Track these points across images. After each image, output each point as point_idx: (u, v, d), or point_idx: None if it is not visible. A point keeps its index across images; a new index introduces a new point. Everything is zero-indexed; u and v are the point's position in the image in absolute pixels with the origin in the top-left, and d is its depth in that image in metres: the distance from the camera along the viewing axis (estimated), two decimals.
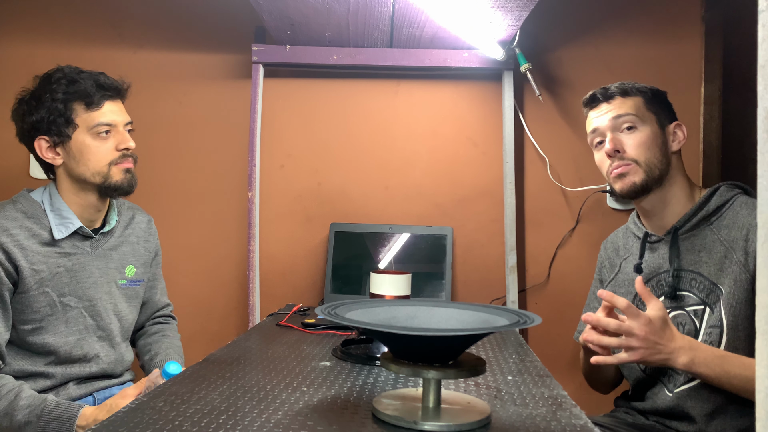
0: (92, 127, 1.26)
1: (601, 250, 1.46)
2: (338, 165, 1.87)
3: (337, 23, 1.63)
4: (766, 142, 0.39)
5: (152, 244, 1.48)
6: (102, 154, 1.27)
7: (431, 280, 1.73)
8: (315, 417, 0.73)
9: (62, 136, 1.25)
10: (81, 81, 1.26)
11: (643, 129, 1.23)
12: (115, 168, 1.29)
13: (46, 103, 1.25)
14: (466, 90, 1.87)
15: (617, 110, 1.25)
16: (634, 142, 1.23)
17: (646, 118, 1.24)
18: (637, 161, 1.22)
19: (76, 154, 1.26)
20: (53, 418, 1.14)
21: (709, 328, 1.16)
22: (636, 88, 1.27)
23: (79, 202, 1.30)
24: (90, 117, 1.26)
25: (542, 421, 0.74)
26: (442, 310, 0.79)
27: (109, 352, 1.34)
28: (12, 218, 1.23)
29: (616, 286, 1.36)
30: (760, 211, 0.39)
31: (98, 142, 1.27)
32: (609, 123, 1.25)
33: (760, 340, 0.39)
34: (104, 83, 1.29)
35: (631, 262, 1.33)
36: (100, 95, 1.27)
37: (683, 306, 1.21)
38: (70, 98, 1.25)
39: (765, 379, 0.39)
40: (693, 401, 1.16)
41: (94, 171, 1.27)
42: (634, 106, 1.25)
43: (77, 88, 1.26)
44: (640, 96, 1.26)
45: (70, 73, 1.27)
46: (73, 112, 1.25)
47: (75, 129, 1.26)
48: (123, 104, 1.34)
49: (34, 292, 1.23)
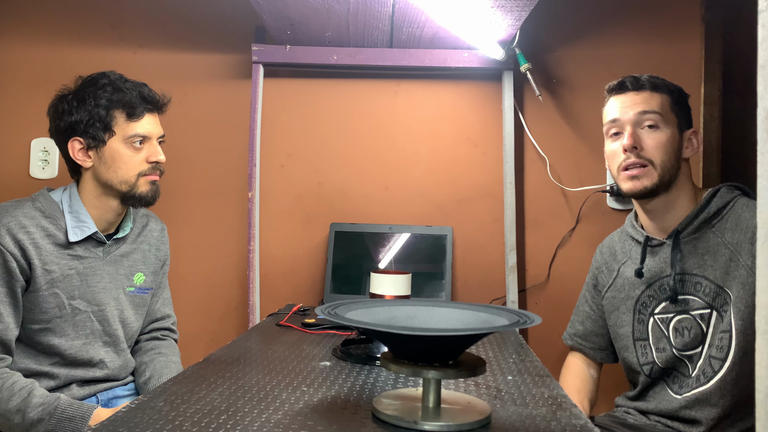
0: (129, 136, 1.28)
1: (597, 254, 1.44)
2: (338, 165, 1.88)
3: (337, 23, 1.63)
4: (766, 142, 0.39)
5: (163, 252, 1.48)
6: (133, 164, 1.29)
7: (431, 280, 1.73)
8: (315, 417, 0.73)
9: (98, 140, 1.27)
10: (126, 91, 1.28)
11: (665, 130, 1.21)
12: (143, 179, 1.30)
13: (88, 106, 1.26)
14: (466, 90, 1.87)
15: (644, 105, 1.22)
16: (654, 142, 1.20)
17: (668, 120, 1.22)
18: (652, 162, 1.20)
19: (108, 159, 1.27)
20: (66, 417, 1.14)
21: (720, 333, 1.15)
22: (666, 85, 1.24)
23: (98, 206, 1.30)
24: (129, 127, 1.28)
25: (542, 421, 0.74)
26: (442, 310, 0.79)
27: (113, 358, 1.34)
28: (30, 216, 1.24)
29: (615, 291, 1.35)
30: (760, 211, 0.39)
31: (131, 152, 1.28)
32: (633, 117, 1.22)
33: (761, 340, 0.39)
34: (148, 96, 1.31)
35: (629, 267, 1.31)
36: (143, 107, 1.29)
37: (688, 310, 1.20)
38: (113, 105, 1.27)
39: (765, 379, 0.39)
40: (702, 405, 1.15)
41: (122, 179, 1.28)
42: (661, 104, 1.22)
43: (122, 98, 1.27)
44: (668, 95, 1.24)
45: (116, 81, 1.29)
46: (114, 120, 1.27)
47: (112, 136, 1.27)
48: (159, 117, 1.36)
49: (44, 293, 1.23)
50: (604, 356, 1.41)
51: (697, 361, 1.18)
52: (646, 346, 1.27)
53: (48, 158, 1.86)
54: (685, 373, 1.20)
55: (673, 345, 1.21)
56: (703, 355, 1.17)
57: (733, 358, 1.13)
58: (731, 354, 1.13)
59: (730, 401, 1.13)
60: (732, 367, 1.13)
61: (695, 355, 1.19)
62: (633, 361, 1.29)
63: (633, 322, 1.29)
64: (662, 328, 1.24)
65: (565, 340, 1.48)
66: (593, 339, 1.42)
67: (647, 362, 1.26)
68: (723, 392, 1.13)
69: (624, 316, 1.31)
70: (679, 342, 1.21)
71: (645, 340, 1.27)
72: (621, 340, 1.32)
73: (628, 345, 1.30)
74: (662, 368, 1.24)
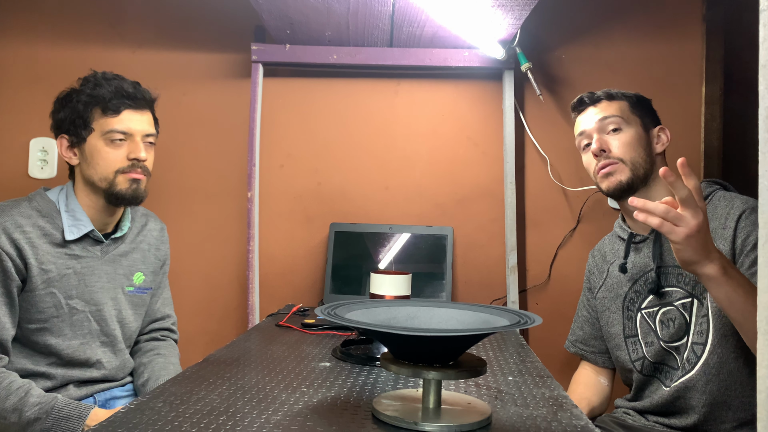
0: (105, 132, 1.27)
1: (589, 259, 1.48)
2: (338, 165, 1.87)
3: (337, 22, 1.63)
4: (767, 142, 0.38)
5: (163, 252, 1.48)
6: (111, 161, 1.28)
7: (431, 280, 1.73)
8: (315, 417, 0.72)
9: (79, 137, 1.28)
10: (104, 86, 1.28)
11: (628, 130, 1.28)
12: (121, 176, 1.29)
13: (71, 103, 1.28)
14: (467, 89, 1.87)
15: (603, 112, 1.30)
16: (620, 142, 1.27)
17: (630, 121, 1.29)
18: (622, 160, 1.26)
19: (88, 156, 1.28)
20: (62, 417, 1.14)
21: (700, 318, 1.18)
22: (621, 93, 1.32)
23: (91, 205, 1.30)
24: (105, 122, 1.27)
25: (543, 422, 0.73)
26: (442, 311, 0.79)
27: (111, 358, 1.34)
28: (26, 215, 1.23)
29: (605, 291, 1.37)
30: (761, 211, 0.39)
31: (110, 149, 1.28)
32: (596, 125, 1.30)
33: (761, 340, 0.39)
34: (126, 91, 1.29)
35: (617, 265, 1.33)
36: (118, 102, 1.28)
37: (671, 302, 1.23)
38: (91, 102, 1.27)
39: (765, 379, 0.38)
40: (690, 393, 1.17)
41: (101, 176, 1.28)
42: (620, 108, 1.30)
43: (98, 93, 1.27)
44: (625, 100, 1.31)
45: (99, 78, 1.29)
46: (91, 116, 1.27)
47: (90, 132, 1.27)
48: (151, 115, 1.35)
49: (41, 292, 1.22)
50: (606, 360, 1.41)
51: (684, 351, 1.20)
52: (636, 342, 1.28)
53: (47, 158, 1.86)
54: (673, 365, 1.22)
55: (660, 338, 1.24)
56: (688, 344, 1.19)
57: (712, 340, 1.15)
58: (710, 337, 1.15)
59: (717, 386, 1.14)
60: (713, 350, 1.15)
61: (681, 345, 1.21)
62: (625, 359, 1.30)
63: (623, 320, 1.31)
64: (649, 322, 1.26)
65: (567, 348, 1.49)
66: (594, 343, 1.42)
67: (638, 358, 1.28)
68: (708, 377, 1.15)
69: (614, 315, 1.33)
70: (666, 334, 1.22)
71: (635, 336, 1.29)
72: (613, 339, 1.33)
73: (620, 343, 1.31)
74: (652, 363, 1.25)
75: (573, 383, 1.46)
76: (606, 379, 1.43)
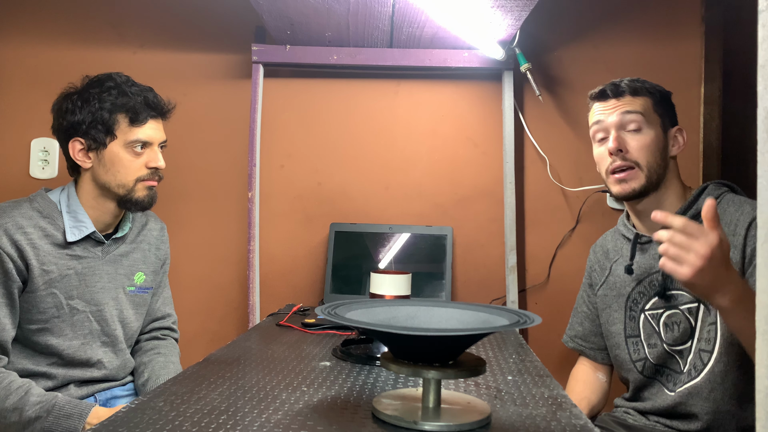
0: (130, 141, 1.28)
1: (590, 254, 1.46)
2: (338, 165, 1.88)
3: (337, 23, 1.63)
4: (766, 142, 0.38)
5: (163, 251, 1.48)
6: (132, 169, 1.28)
7: (431, 280, 1.73)
8: (315, 417, 0.73)
9: (98, 143, 1.27)
10: (131, 96, 1.28)
11: (648, 132, 1.23)
12: (140, 184, 1.30)
13: (92, 107, 1.26)
14: (466, 90, 1.87)
15: (626, 106, 1.24)
16: (638, 144, 1.23)
17: (651, 120, 1.24)
18: (638, 164, 1.22)
19: (107, 162, 1.27)
20: (63, 415, 1.14)
21: (708, 326, 1.17)
22: (646, 88, 1.26)
23: (95, 207, 1.30)
24: (131, 132, 1.28)
25: (542, 421, 0.74)
26: (442, 310, 0.79)
27: (112, 358, 1.34)
28: (27, 216, 1.23)
29: (607, 289, 1.36)
30: (761, 211, 0.39)
31: (131, 157, 1.28)
32: (616, 119, 1.24)
33: (761, 340, 0.39)
34: (152, 102, 1.30)
35: (621, 264, 1.32)
36: (147, 113, 1.29)
37: (677, 305, 1.22)
38: (116, 109, 1.26)
39: (765, 379, 0.39)
40: (695, 399, 1.16)
41: (120, 183, 1.28)
42: (643, 106, 1.24)
43: (126, 102, 1.27)
44: (650, 97, 1.26)
45: (122, 84, 1.28)
46: (116, 124, 1.27)
47: (113, 139, 1.27)
48: (163, 123, 1.36)
49: (42, 293, 1.23)
50: (605, 356, 1.41)
51: (688, 355, 1.19)
52: (638, 342, 1.28)
53: (48, 158, 1.86)
54: (676, 369, 1.22)
55: (664, 340, 1.23)
56: (693, 349, 1.19)
57: (719, 348, 1.15)
58: (717, 345, 1.15)
59: (721, 394, 1.14)
60: (719, 358, 1.14)
61: (685, 350, 1.20)
62: (625, 358, 1.30)
63: (624, 319, 1.31)
64: (653, 324, 1.25)
65: (565, 342, 1.49)
66: (593, 339, 1.42)
67: (639, 359, 1.27)
68: (713, 385, 1.14)
69: (616, 314, 1.32)
70: (670, 337, 1.22)
71: (636, 336, 1.28)
72: (613, 337, 1.33)
73: (619, 342, 1.31)
74: (654, 365, 1.25)
75: (571, 380, 1.46)
76: (604, 376, 1.43)
